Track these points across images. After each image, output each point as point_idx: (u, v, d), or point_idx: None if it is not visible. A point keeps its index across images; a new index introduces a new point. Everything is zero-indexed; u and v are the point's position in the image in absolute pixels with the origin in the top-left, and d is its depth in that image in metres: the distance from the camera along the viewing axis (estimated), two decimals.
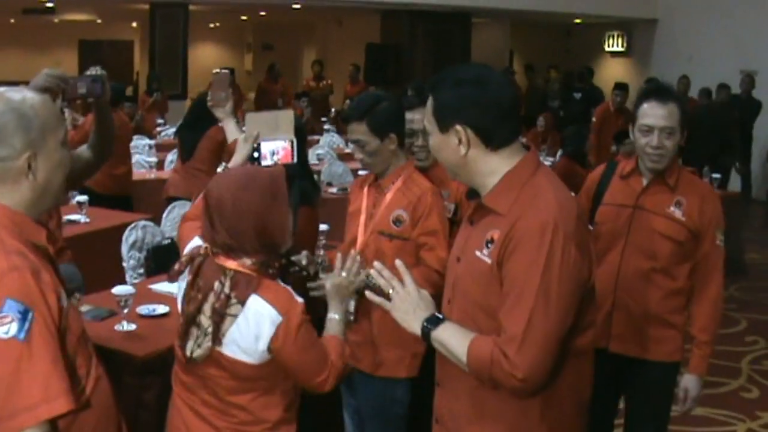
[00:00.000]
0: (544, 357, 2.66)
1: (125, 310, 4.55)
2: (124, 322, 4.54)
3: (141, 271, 6.70)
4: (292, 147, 4.02)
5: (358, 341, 4.14)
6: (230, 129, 4.42)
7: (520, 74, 21.57)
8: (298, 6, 18.68)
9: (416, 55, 18.21)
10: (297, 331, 3.09)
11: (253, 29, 26.93)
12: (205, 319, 3.12)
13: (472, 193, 2.96)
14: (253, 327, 3.06)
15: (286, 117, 4.20)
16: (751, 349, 8.08)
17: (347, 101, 16.49)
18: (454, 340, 2.77)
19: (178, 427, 3.31)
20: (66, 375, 2.49)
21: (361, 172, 5.86)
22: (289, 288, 3.17)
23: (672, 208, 4.22)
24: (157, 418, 3.92)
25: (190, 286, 3.18)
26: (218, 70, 4.59)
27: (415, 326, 2.84)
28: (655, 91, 4.25)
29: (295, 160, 4.08)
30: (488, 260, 2.76)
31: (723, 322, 8.78)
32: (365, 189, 4.31)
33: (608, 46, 20.97)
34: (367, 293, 3.00)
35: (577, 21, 20.95)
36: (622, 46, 20.56)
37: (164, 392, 3.70)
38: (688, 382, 4.36)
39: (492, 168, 2.84)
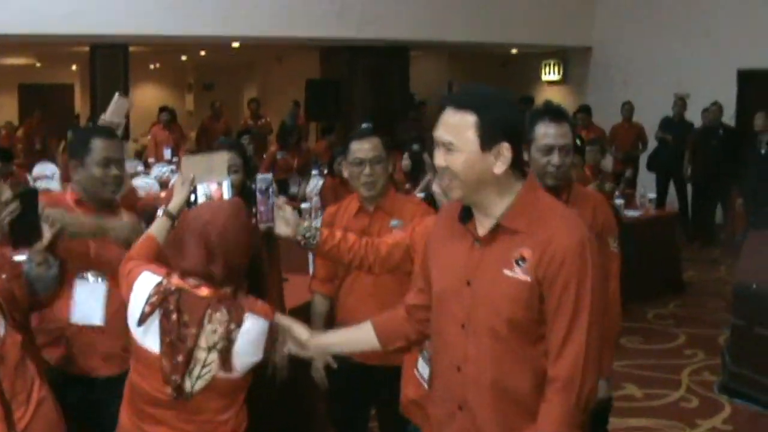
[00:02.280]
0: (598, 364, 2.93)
1: None
2: None
3: None
4: (226, 188, 4.11)
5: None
6: None
7: None
8: (237, 45, 18.79)
9: (356, 90, 18.32)
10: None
11: (194, 69, 26.91)
12: (202, 352, 3.20)
13: (467, 216, 3.04)
14: (255, 341, 3.23)
15: (220, 159, 4.34)
16: (691, 362, 8.32)
17: None
18: None
19: None
20: None
21: None
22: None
23: None
24: None
25: (176, 323, 3.21)
26: (121, 95, 4.67)
27: None
28: (549, 111, 4.40)
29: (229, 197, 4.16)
30: (527, 277, 2.87)
31: (663, 337, 9.08)
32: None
33: (545, 75, 21.22)
34: None
35: (514, 51, 21.18)
36: (558, 74, 20.82)
37: None
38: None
39: (508, 187, 2.96)
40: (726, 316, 7.84)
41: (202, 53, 23.45)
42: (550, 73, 21.11)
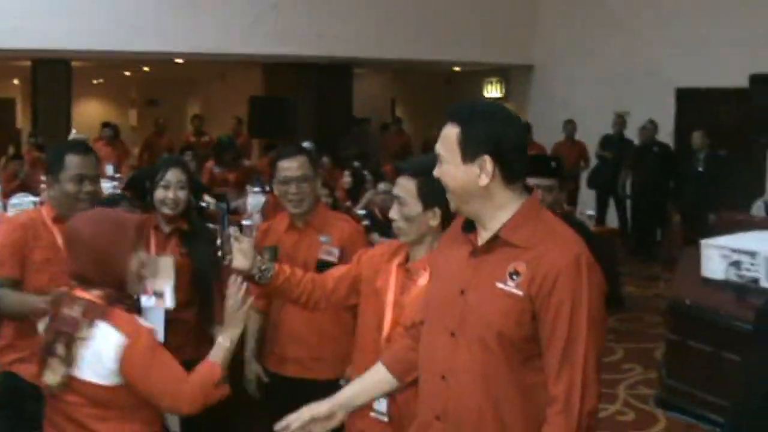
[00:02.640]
0: (598, 384, 2.90)
1: None
2: None
3: None
4: (168, 296, 4.38)
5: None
6: None
7: (408, 122, 21.96)
8: (180, 61, 18.76)
9: (299, 107, 18.36)
10: (143, 353, 3.26)
11: (137, 85, 26.80)
12: (60, 347, 3.26)
13: (470, 226, 3.06)
14: (103, 348, 3.23)
15: (165, 264, 4.51)
16: (627, 376, 8.44)
17: None
18: None
19: None
20: None
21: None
22: (136, 316, 3.38)
23: None
24: None
25: (52, 318, 3.34)
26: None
27: None
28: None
29: (171, 305, 4.44)
30: (518, 292, 2.86)
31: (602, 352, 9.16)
32: (392, 267, 3.84)
33: (487, 92, 21.40)
34: None
35: (457, 69, 21.35)
36: (501, 92, 21.01)
37: None
38: None
39: (504, 201, 2.96)
40: (663, 330, 7.96)
41: (146, 69, 23.37)
42: (493, 91, 21.30)
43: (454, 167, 2.95)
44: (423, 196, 3.63)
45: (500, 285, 2.90)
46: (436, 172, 3.03)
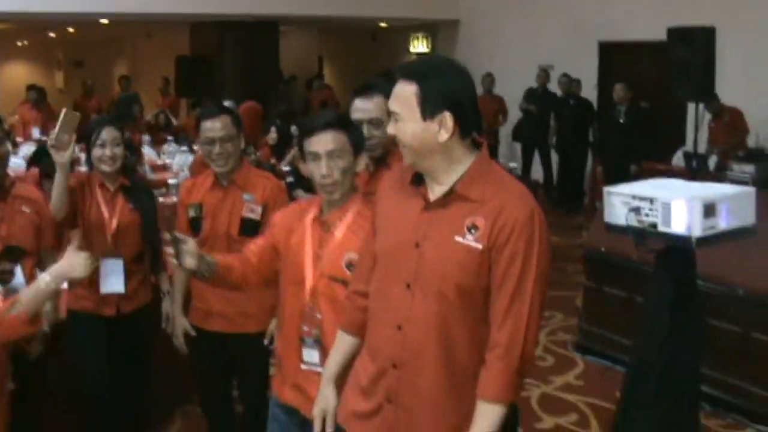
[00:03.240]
0: (537, 334, 3.06)
1: None
2: None
3: None
4: None
5: None
6: (60, 180, 4.73)
7: (335, 79, 22.02)
8: (106, 21, 18.62)
9: (226, 65, 18.32)
10: None
11: (63, 46, 26.49)
12: None
13: (419, 179, 3.12)
14: None
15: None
16: (548, 323, 8.65)
17: (160, 114, 16.60)
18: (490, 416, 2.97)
19: None
20: None
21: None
22: None
23: None
24: None
25: None
26: (69, 110, 4.78)
27: None
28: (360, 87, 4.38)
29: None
30: (477, 245, 2.94)
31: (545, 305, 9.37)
32: (306, 222, 3.82)
33: (413, 48, 21.53)
34: None
35: (383, 25, 21.41)
36: (427, 47, 21.11)
37: None
38: None
39: (459, 156, 3.02)
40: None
41: (71, 30, 23.12)
42: (419, 46, 21.41)
43: (413, 124, 2.99)
44: (354, 145, 3.72)
45: (459, 239, 2.97)
46: (391, 130, 3.09)
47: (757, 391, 6.36)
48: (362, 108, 4.20)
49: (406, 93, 2.99)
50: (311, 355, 3.75)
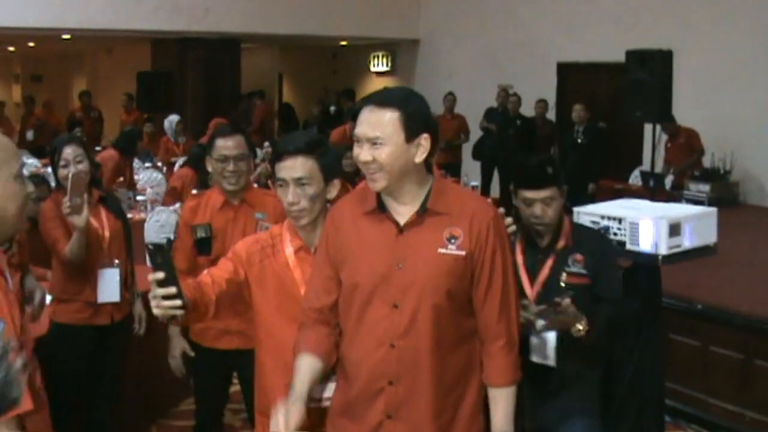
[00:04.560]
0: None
1: None
2: None
3: None
4: None
5: None
6: (78, 237, 4.86)
7: (295, 96, 22.07)
8: (68, 36, 18.64)
9: (187, 82, 18.32)
10: None
11: (22, 60, 26.46)
12: None
13: (383, 206, 3.26)
14: None
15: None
16: None
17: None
18: (508, 405, 3.29)
19: None
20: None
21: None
22: None
23: None
24: None
25: None
26: (75, 173, 4.87)
27: None
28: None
29: None
30: (461, 252, 3.18)
31: None
32: (287, 254, 3.68)
33: (374, 66, 21.64)
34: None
35: (343, 43, 21.55)
36: (387, 65, 21.27)
37: None
38: None
39: (424, 176, 3.25)
40: None
41: (31, 44, 23.06)
42: (379, 65, 21.55)
43: (396, 147, 3.12)
44: (324, 171, 3.57)
45: (442, 250, 3.18)
46: (367, 156, 3.15)
47: (717, 402, 6.58)
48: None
49: (388, 118, 3.13)
50: (328, 391, 3.58)
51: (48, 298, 5.21)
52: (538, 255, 4.20)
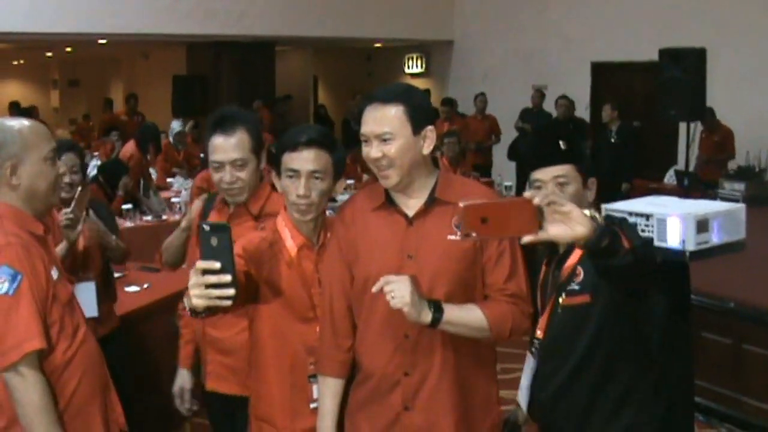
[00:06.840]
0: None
1: None
2: None
3: None
4: None
5: None
6: (65, 247, 4.66)
7: (330, 98, 22.09)
8: (104, 41, 18.76)
9: (222, 85, 18.39)
10: None
11: (59, 65, 26.56)
12: None
13: (391, 200, 3.33)
14: None
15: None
16: None
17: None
18: (466, 315, 3.18)
19: None
20: (41, 323, 3.17)
21: None
22: None
23: None
24: None
25: None
26: (85, 185, 4.91)
27: (424, 317, 3.08)
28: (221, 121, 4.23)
29: None
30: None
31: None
32: (291, 253, 3.61)
33: (408, 68, 21.68)
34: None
35: (378, 45, 21.60)
36: (422, 67, 21.30)
37: None
38: None
39: (430, 168, 3.33)
40: None
41: (68, 49, 23.18)
42: (414, 67, 21.58)
43: (405, 141, 3.18)
44: (336, 166, 3.57)
45: (452, 237, 3.20)
46: (377, 153, 3.19)
47: (749, 401, 6.55)
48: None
49: (393, 113, 3.20)
50: (316, 391, 3.57)
51: None
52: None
